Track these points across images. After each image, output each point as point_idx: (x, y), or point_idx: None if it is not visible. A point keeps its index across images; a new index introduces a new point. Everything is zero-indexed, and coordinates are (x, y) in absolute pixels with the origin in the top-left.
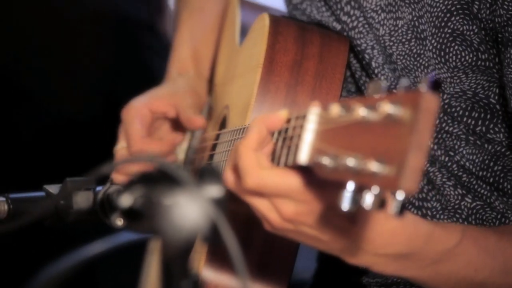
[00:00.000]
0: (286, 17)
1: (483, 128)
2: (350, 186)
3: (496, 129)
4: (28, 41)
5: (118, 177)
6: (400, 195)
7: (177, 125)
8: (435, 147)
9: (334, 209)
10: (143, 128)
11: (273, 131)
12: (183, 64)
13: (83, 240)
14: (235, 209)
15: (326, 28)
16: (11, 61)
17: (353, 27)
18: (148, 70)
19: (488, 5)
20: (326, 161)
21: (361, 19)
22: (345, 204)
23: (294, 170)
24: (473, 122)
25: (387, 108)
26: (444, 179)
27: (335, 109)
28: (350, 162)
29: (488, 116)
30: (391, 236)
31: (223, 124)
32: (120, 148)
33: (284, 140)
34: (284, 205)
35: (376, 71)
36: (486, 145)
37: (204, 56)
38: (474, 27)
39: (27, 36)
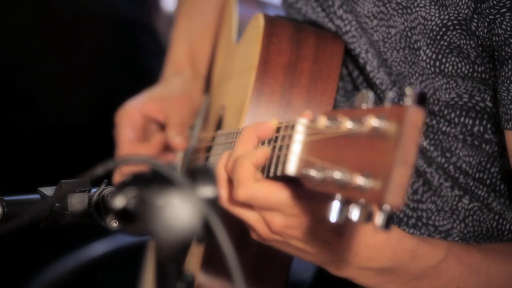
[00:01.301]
0: (281, 17)
1: (481, 128)
2: (338, 198)
3: (494, 129)
4: (25, 43)
5: (118, 178)
6: (386, 209)
7: None
8: (432, 148)
9: (322, 222)
10: (133, 132)
11: (263, 140)
12: (178, 63)
13: (81, 241)
14: (230, 216)
15: (322, 28)
16: (8, 63)
17: (346, 31)
18: (145, 71)
19: (486, 24)
20: (313, 173)
21: (353, 23)
22: (333, 216)
23: (284, 183)
24: (470, 122)
25: (373, 122)
26: (441, 180)
27: (322, 121)
28: (337, 175)
29: (486, 117)
30: (376, 250)
31: (219, 125)
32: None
33: (274, 149)
34: (273, 218)
35: (371, 74)
36: (483, 146)
37: (201, 54)
38: (471, 42)
39: (24, 39)
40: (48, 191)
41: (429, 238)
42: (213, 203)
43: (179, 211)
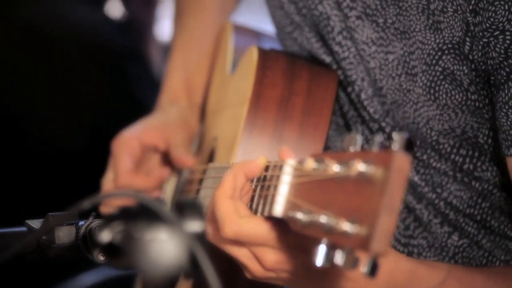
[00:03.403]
0: (275, 51)
1: (471, 166)
2: (324, 242)
3: (484, 167)
4: (17, 71)
5: (106, 210)
6: (372, 256)
7: (167, 158)
8: (423, 183)
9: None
10: (131, 162)
11: (252, 178)
12: (174, 93)
13: (68, 273)
14: (219, 252)
15: (316, 60)
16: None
17: (344, 58)
18: (136, 100)
19: (480, 47)
20: (300, 216)
21: (352, 49)
22: (319, 260)
23: (273, 219)
24: (460, 159)
25: (360, 166)
26: (430, 217)
27: (310, 163)
28: (323, 219)
29: (476, 154)
30: None
31: (211, 157)
32: (108, 181)
33: (262, 188)
34: (265, 254)
35: (365, 103)
36: (473, 183)
37: (197, 84)
38: (465, 67)
39: (16, 66)
40: (35, 223)
41: (429, 260)
42: (201, 238)
43: (165, 246)
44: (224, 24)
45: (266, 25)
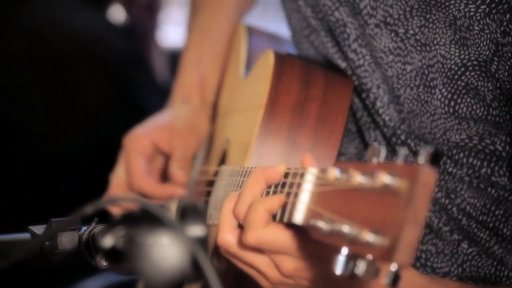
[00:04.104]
0: (290, 55)
1: (488, 170)
2: (344, 251)
3: (501, 172)
4: (20, 77)
5: (116, 210)
6: (394, 267)
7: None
8: (436, 189)
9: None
10: (144, 162)
11: (271, 184)
12: (188, 90)
13: (72, 278)
14: (226, 267)
15: (331, 64)
16: (1, 95)
17: (359, 65)
18: (139, 106)
19: (507, 67)
20: (321, 224)
21: (367, 57)
22: (339, 269)
23: (293, 227)
24: (478, 163)
25: (385, 178)
26: (440, 225)
27: (333, 173)
28: (346, 229)
29: (494, 159)
30: None
31: (223, 159)
32: (117, 177)
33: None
34: (284, 261)
35: (380, 110)
36: (489, 189)
37: (211, 82)
38: (489, 84)
39: (19, 72)
40: (38, 229)
41: (439, 277)
42: (203, 242)
43: (168, 250)
44: (238, 25)
45: (281, 31)
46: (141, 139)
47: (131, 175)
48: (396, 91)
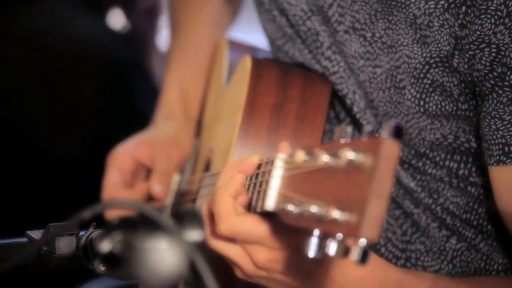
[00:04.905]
0: (268, 59)
1: (466, 172)
2: (316, 233)
3: (479, 172)
4: (18, 81)
5: (113, 214)
6: (362, 243)
7: None
8: (419, 189)
9: (304, 255)
10: (119, 175)
11: (245, 176)
12: (170, 107)
13: (70, 283)
14: (217, 253)
15: (309, 70)
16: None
17: (334, 72)
18: (138, 111)
19: (466, 59)
20: (291, 207)
21: (342, 64)
22: (311, 251)
23: (266, 217)
24: (455, 165)
25: (349, 154)
26: (428, 221)
27: (300, 155)
28: (314, 209)
29: (470, 159)
30: (361, 282)
31: (207, 167)
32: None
33: (255, 186)
34: (257, 252)
35: (357, 115)
36: (469, 188)
37: (193, 98)
38: (454, 79)
39: (17, 77)
40: (36, 234)
41: (414, 270)
42: (201, 247)
43: (165, 255)
44: (220, 40)
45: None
46: (121, 155)
47: (104, 187)
48: (369, 95)
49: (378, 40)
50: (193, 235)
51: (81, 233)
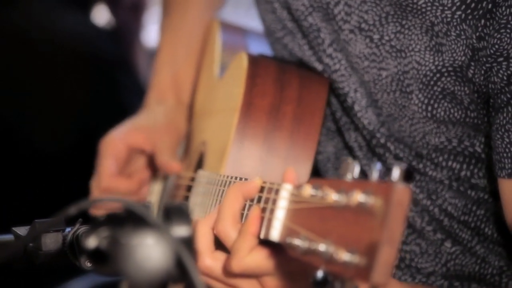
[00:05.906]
0: (264, 57)
1: (468, 173)
2: (322, 269)
3: (481, 174)
4: (4, 77)
5: (98, 212)
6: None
7: (152, 160)
8: (418, 190)
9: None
10: (115, 164)
11: (248, 200)
12: (162, 91)
13: (56, 280)
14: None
15: (307, 67)
16: None
17: (335, 70)
18: (123, 107)
19: (482, 71)
20: (298, 242)
21: (343, 62)
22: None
23: (273, 247)
24: (457, 166)
25: (359, 197)
26: (423, 224)
27: (307, 190)
28: (322, 247)
29: (473, 161)
30: None
31: (199, 162)
32: (96, 184)
33: None
34: (268, 281)
35: (359, 114)
36: (469, 191)
37: (185, 81)
38: (466, 88)
39: (3, 72)
40: (22, 230)
41: (420, 285)
42: (188, 242)
43: (152, 251)
44: (211, 22)
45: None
46: (114, 143)
47: (100, 177)
48: (373, 96)
49: (387, 43)
50: (180, 230)
51: (67, 229)
